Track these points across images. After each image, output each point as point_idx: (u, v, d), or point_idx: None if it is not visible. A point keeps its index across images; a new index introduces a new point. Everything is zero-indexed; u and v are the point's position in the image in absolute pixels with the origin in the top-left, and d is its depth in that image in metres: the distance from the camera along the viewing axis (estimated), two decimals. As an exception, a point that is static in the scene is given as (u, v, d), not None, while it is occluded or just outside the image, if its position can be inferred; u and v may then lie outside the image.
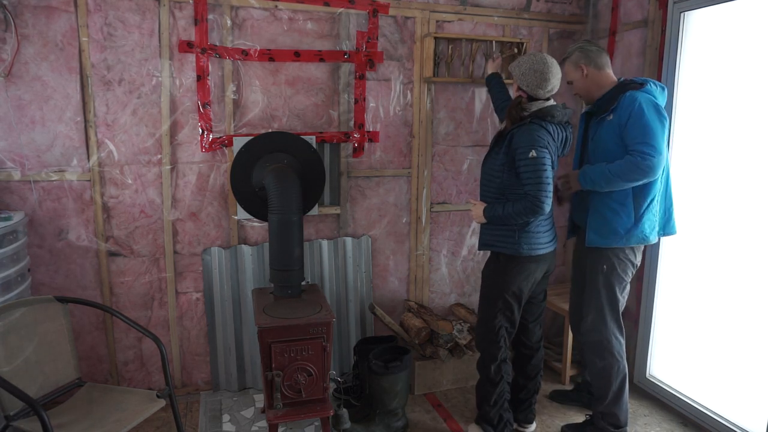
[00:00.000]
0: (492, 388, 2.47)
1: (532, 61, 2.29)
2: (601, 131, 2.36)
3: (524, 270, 2.35)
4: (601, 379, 2.48)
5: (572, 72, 2.47)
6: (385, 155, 3.07)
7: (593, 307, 2.46)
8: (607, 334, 2.44)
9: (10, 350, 2.01)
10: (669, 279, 2.85)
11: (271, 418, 2.28)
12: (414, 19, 2.97)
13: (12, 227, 2.28)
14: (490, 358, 2.45)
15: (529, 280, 2.38)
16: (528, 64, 2.29)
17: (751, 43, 2.38)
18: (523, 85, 2.30)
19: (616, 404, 2.47)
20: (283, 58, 2.79)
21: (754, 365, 2.43)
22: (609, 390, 2.46)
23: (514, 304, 2.40)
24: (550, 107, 2.28)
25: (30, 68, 2.46)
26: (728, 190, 2.52)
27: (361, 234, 3.10)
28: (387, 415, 2.63)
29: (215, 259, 2.85)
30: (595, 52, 2.41)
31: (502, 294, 2.38)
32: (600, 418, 2.51)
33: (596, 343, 2.46)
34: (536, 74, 2.27)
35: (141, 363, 2.85)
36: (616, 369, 2.45)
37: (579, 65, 2.43)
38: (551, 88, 2.29)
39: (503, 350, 2.45)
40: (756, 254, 2.40)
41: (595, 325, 2.46)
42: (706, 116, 2.62)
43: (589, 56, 2.41)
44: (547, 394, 2.98)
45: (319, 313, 2.34)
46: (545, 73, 2.26)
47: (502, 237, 2.34)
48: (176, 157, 2.73)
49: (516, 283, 2.36)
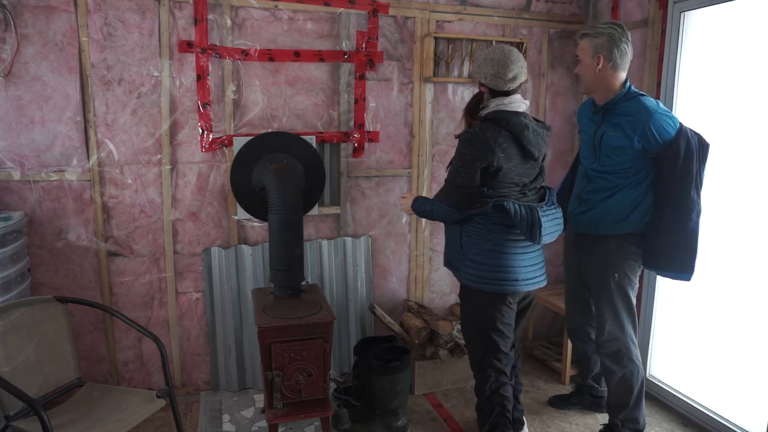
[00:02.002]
0: (488, 415, 2.28)
1: (487, 51, 2.09)
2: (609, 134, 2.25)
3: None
4: (622, 386, 2.39)
5: (586, 54, 2.22)
6: (385, 155, 3.07)
7: (609, 316, 2.36)
8: (626, 341, 2.36)
9: (10, 350, 2.01)
10: (669, 278, 2.85)
11: (271, 418, 2.28)
12: (414, 19, 2.97)
13: (12, 227, 2.28)
14: (481, 385, 2.30)
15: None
16: (483, 56, 2.09)
17: (751, 43, 2.38)
18: (482, 78, 2.09)
19: (636, 409, 2.41)
20: (283, 58, 2.79)
21: (754, 365, 2.43)
22: (630, 397, 2.39)
23: (498, 340, 2.21)
24: (507, 113, 2.04)
25: (30, 68, 2.46)
26: (728, 190, 2.52)
27: (361, 234, 3.10)
28: (387, 415, 2.63)
29: (215, 259, 2.84)
30: (623, 50, 2.17)
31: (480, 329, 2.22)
32: (620, 426, 2.44)
33: (616, 352, 2.37)
34: (492, 63, 2.04)
35: (141, 363, 2.85)
36: (636, 375, 2.37)
37: (598, 54, 2.18)
38: (513, 75, 2.04)
39: (492, 380, 2.26)
40: (756, 254, 2.40)
41: (613, 334, 2.36)
42: (705, 116, 2.62)
43: (613, 52, 2.16)
44: (546, 400, 2.94)
45: (319, 313, 2.34)
46: (502, 60, 2.03)
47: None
48: (176, 157, 2.73)
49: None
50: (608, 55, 2.17)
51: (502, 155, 2.03)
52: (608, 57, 2.17)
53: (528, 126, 2.05)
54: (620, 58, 2.18)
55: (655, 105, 2.20)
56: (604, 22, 2.33)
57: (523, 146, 2.05)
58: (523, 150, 2.06)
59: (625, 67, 2.22)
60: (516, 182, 2.11)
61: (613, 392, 2.45)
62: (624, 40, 2.18)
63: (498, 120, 2.04)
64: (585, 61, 2.24)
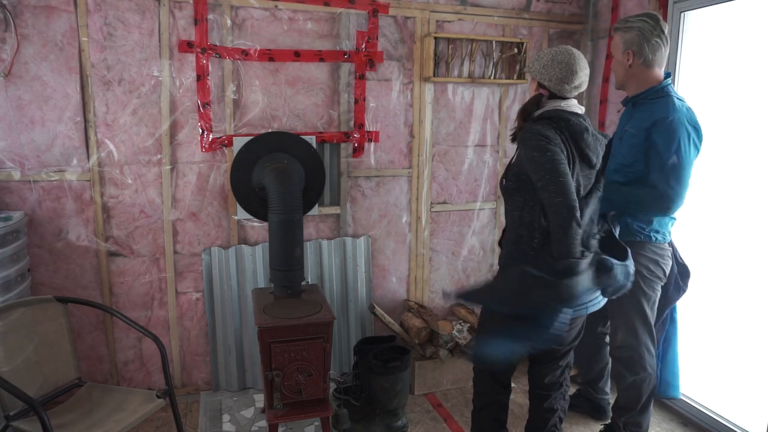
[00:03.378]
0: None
1: (554, 52, 1.88)
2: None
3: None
4: (632, 392, 2.35)
5: (617, 50, 2.14)
6: (385, 155, 3.07)
7: (621, 324, 2.31)
8: (640, 349, 2.28)
9: (10, 350, 2.01)
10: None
11: (271, 418, 2.28)
12: (414, 19, 2.97)
13: (12, 227, 2.28)
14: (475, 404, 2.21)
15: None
16: (549, 56, 1.88)
17: (750, 43, 2.38)
18: (545, 80, 1.88)
19: (642, 414, 2.38)
20: (283, 58, 2.79)
21: (754, 366, 2.43)
22: (638, 403, 2.35)
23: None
24: (566, 113, 1.83)
25: (30, 68, 2.46)
26: (729, 190, 2.52)
27: (361, 234, 3.10)
28: (387, 415, 2.63)
29: (215, 259, 2.84)
30: (654, 45, 2.04)
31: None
32: (621, 428, 2.42)
33: (628, 359, 2.32)
34: (560, 65, 1.84)
35: (141, 363, 2.85)
36: (648, 382, 2.32)
37: (628, 50, 2.08)
38: (579, 83, 1.86)
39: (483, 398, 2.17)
40: (756, 254, 2.40)
41: (627, 341, 2.30)
42: (705, 116, 2.61)
43: (644, 47, 2.04)
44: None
45: (319, 313, 2.34)
46: (571, 65, 1.84)
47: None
48: (176, 157, 2.73)
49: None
50: (638, 51, 2.08)
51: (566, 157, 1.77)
52: (638, 53, 2.08)
53: (588, 129, 1.83)
54: (652, 53, 2.06)
55: (684, 110, 2.07)
56: (638, 14, 2.15)
57: (582, 150, 1.81)
58: (582, 155, 1.82)
59: (661, 62, 2.10)
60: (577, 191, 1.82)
61: (622, 395, 2.41)
62: (657, 33, 2.05)
63: (556, 119, 1.82)
64: (616, 57, 2.16)
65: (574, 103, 1.89)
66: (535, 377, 2.14)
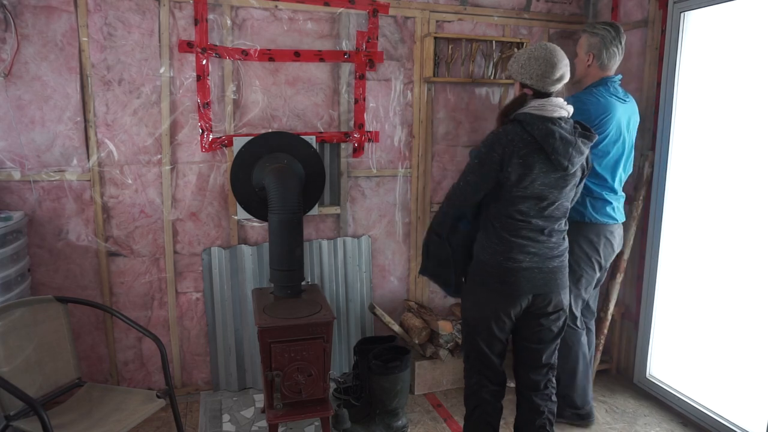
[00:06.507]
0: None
1: (529, 50, 1.92)
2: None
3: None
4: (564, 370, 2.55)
5: (581, 49, 2.45)
6: (385, 155, 3.07)
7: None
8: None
9: (10, 350, 2.01)
10: (669, 279, 2.85)
11: (271, 418, 2.28)
12: (414, 19, 2.97)
13: (12, 227, 2.28)
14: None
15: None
16: (526, 55, 1.92)
17: (751, 43, 2.38)
18: (526, 79, 1.91)
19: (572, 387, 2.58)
20: (283, 58, 2.79)
21: (754, 365, 2.43)
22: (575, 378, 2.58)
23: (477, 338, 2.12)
24: (535, 116, 1.86)
25: (30, 68, 2.46)
26: (728, 190, 2.52)
27: (361, 234, 3.10)
28: (387, 415, 2.63)
29: (215, 259, 2.84)
30: (612, 53, 2.36)
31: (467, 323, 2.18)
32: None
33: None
34: (538, 61, 1.88)
35: (141, 363, 2.85)
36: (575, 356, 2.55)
37: (590, 53, 2.37)
38: (559, 75, 1.89)
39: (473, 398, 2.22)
40: (755, 254, 2.40)
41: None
42: (705, 116, 2.62)
43: (603, 53, 2.35)
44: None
45: (319, 313, 2.34)
46: (549, 59, 1.88)
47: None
48: (176, 157, 2.73)
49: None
50: (598, 55, 2.37)
51: (520, 161, 1.86)
52: (598, 56, 2.38)
53: (554, 132, 1.84)
54: (608, 59, 2.38)
55: (584, 97, 2.36)
56: (605, 21, 2.49)
57: (548, 154, 1.85)
58: (549, 159, 1.87)
59: (612, 67, 2.43)
60: (538, 195, 1.91)
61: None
62: (615, 43, 2.35)
63: (524, 122, 1.87)
64: (580, 55, 2.46)
65: (558, 102, 1.90)
66: (519, 378, 2.19)
